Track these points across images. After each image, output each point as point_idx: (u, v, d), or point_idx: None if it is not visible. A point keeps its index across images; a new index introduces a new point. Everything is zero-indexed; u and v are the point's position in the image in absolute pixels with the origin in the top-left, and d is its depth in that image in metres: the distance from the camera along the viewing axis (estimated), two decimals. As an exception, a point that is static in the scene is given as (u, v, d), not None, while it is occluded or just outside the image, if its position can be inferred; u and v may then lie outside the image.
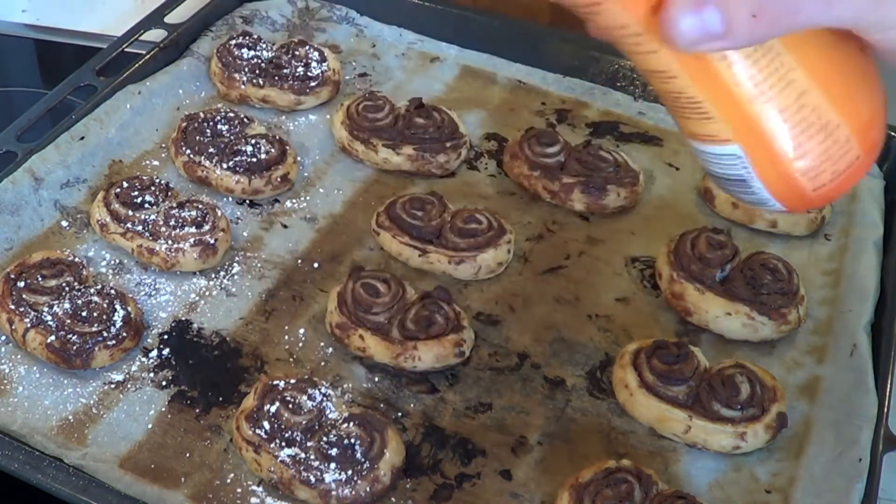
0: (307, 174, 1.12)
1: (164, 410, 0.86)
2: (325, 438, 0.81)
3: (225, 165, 1.06)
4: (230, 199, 1.07)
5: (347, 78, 1.25)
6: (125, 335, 0.89)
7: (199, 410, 0.86)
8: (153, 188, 1.01)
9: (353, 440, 0.81)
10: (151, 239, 0.97)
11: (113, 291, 0.91)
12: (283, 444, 0.81)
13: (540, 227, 1.08)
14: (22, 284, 0.91)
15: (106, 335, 0.88)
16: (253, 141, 1.08)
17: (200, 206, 1.00)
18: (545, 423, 0.89)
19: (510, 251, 1.03)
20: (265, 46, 1.21)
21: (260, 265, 1.00)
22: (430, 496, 0.82)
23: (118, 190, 1.00)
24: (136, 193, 1.00)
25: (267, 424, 0.81)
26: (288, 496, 0.80)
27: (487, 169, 1.15)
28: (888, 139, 1.15)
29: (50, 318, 0.88)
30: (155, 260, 0.97)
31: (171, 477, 0.81)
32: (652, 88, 0.60)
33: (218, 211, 1.01)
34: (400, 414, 0.88)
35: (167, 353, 0.91)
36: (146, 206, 1.00)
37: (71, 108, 1.10)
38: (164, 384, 0.88)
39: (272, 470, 0.80)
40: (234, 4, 1.30)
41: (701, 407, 0.87)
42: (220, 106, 1.15)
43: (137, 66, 1.16)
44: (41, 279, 0.91)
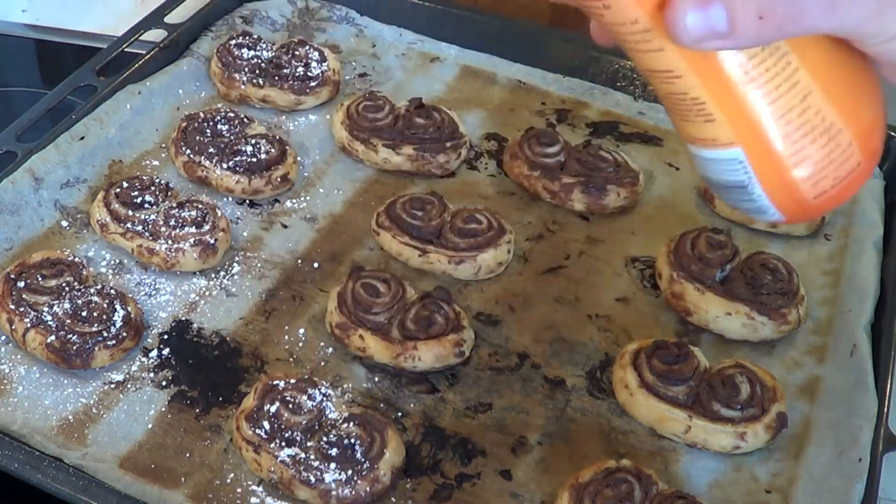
0: (307, 174, 1.11)
1: (164, 410, 0.86)
2: (325, 438, 0.81)
3: (225, 165, 1.06)
4: (230, 199, 1.07)
5: (347, 78, 1.25)
6: (125, 335, 0.89)
7: (199, 410, 0.86)
8: (153, 188, 1.01)
9: (353, 440, 0.81)
10: (151, 239, 0.97)
11: (113, 291, 0.91)
12: (283, 444, 0.81)
13: (540, 227, 1.08)
14: (22, 284, 0.91)
15: (106, 335, 0.88)
16: (253, 141, 1.08)
17: (200, 206, 1.00)
18: (545, 423, 0.89)
19: (510, 251, 1.03)
20: (265, 46, 1.21)
21: (260, 265, 1.00)
22: (430, 496, 0.82)
23: (118, 190, 1.00)
24: (136, 193, 1.00)
25: (267, 424, 0.81)
26: (288, 496, 0.80)
27: (487, 169, 1.15)
28: (888, 139, 1.15)
29: (50, 318, 0.88)
30: (155, 260, 0.97)
31: (171, 477, 0.81)
32: (653, 90, 0.60)
33: (218, 211, 1.01)
34: (400, 414, 0.88)
35: (167, 353, 0.91)
36: (146, 206, 1.00)
37: (71, 108, 1.10)
38: (164, 384, 0.88)
39: (272, 470, 0.80)
40: (234, 4, 1.30)
41: (701, 407, 0.87)
42: (220, 106, 1.15)
43: (137, 66, 1.16)
44: (41, 279, 0.91)
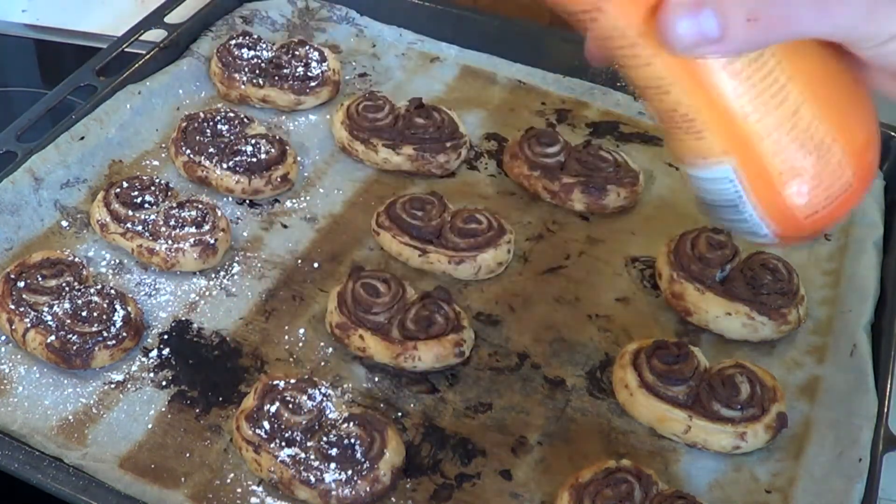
0: (307, 174, 1.11)
1: (164, 410, 0.86)
2: (325, 438, 0.81)
3: (225, 165, 1.06)
4: (230, 199, 1.07)
5: (347, 78, 1.25)
6: (125, 335, 0.89)
7: (199, 410, 0.86)
8: (153, 188, 1.01)
9: (353, 440, 0.81)
10: (151, 239, 0.97)
11: (113, 291, 0.91)
12: (283, 444, 0.81)
13: (540, 227, 1.08)
14: (22, 284, 0.91)
15: (106, 335, 0.88)
16: (253, 141, 1.07)
17: (200, 206, 1.00)
18: (545, 423, 0.89)
19: (510, 251, 1.03)
20: (265, 46, 1.21)
21: (260, 265, 1.00)
22: (430, 496, 0.82)
23: (118, 190, 1.00)
24: (136, 193, 1.00)
25: (267, 424, 0.81)
26: (288, 496, 0.80)
27: (487, 169, 1.15)
28: (888, 139, 1.16)
29: (50, 318, 0.88)
30: (155, 260, 0.97)
31: (171, 477, 0.81)
32: (649, 111, 0.60)
33: (218, 211, 1.01)
34: (400, 414, 0.88)
35: (167, 353, 0.91)
36: (146, 206, 1.00)
37: (71, 108, 1.10)
38: (164, 384, 0.88)
39: (272, 470, 0.80)
40: (234, 4, 1.30)
41: (701, 407, 0.87)
42: (220, 106, 1.15)
43: (137, 66, 1.16)
44: (41, 279, 0.91)
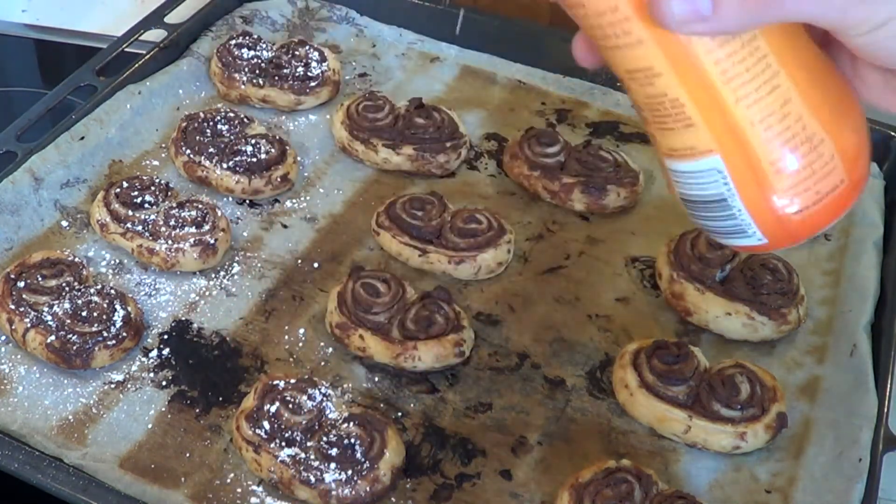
0: (307, 174, 1.11)
1: (164, 410, 0.86)
2: (325, 438, 0.81)
3: (225, 165, 1.06)
4: (230, 199, 1.07)
5: (347, 78, 1.25)
6: (125, 335, 0.89)
7: (199, 410, 0.86)
8: (153, 188, 1.01)
9: (353, 440, 0.81)
10: (151, 239, 0.97)
11: (113, 291, 0.91)
12: (283, 444, 0.81)
13: (540, 227, 1.08)
14: (22, 284, 0.90)
15: (106, 335, 0.88)
16: (253, 141, 1.07)
17: (200, 206, 1.00)
18: (545, 423, 0.89)
19: (510, 251, 1.03)
20: (265, 46, 1.21)
21: (260, 265, 1.00)
22: (430, 496, 0.82)
23: (118, 190, 1.00)
24: (136, 193, 1.00)
25: (267, 424, 0.81)
26: (288, 496, 0.80)
27: (487, 169, 1.15)
28: (888, 139, 1.16)
29: (50, 318, 0.88)
30: (155, 260, 0.97)
31: (171, 477, 0.81)
32: (634, 102, 0.59)
33: (218, 211, 1.01)
34: (400, 414, 0.88)
35: (167, 353, 0.91)
36: (146, 206, 1.00)
37: (71, 108, 1.10)
38: (164, 384, 0.88)
39: (272, 470, 0.80)
40: (234, 4, 1.30)
41: (701, 407, 0.87)
42: (220, 106, 1.15)
43: (137, 66, 1.16)
44: (41, 279, 0.91)
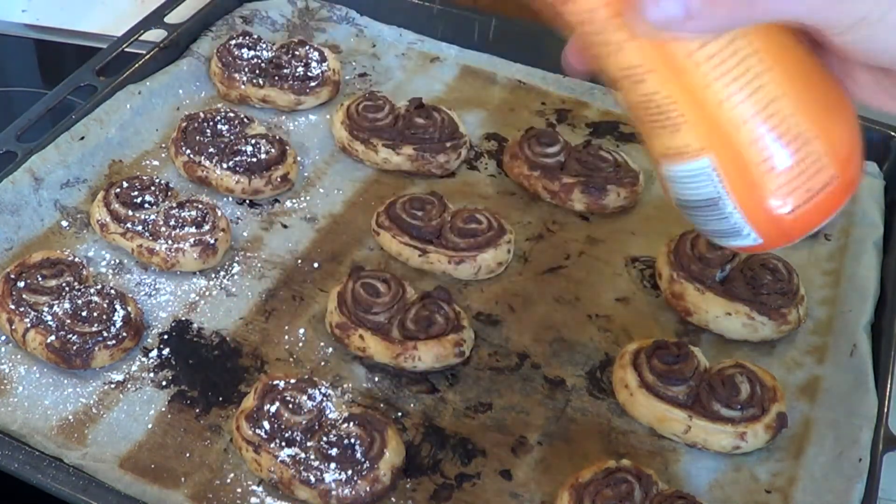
0: (307, 174, 1.11)
1: (164, 410, 0.86)
2: (325, 438, 0.81)
3: (225, 165, 1.06)
4: (230, 199, 1.07)
5: (347, 78, 1.25)
6: (125, 335, 0.89)
7: (199, 410, 0.86)
8: (153, 188, 1.01)
9: (353, 440, 0.81)
10: (151, 239, 0.97)
11: (113, 291, 0.91)
12: (283, 444, 0.81)
13: (540, 227, 1.08)
14: (22, 284, 0.90)
15: (106, 335, 0.88)
16: (253, 141, 1.07)
17: (200, 206, 1.00)
18: (545, 423, 0.89)
19: (510, 251, 1.03)
20: (265, 46, 1.21)
21: (260, 265, 1.00)
22: (430, 496, 0.82)
23: (118, 190, 1.00)
24: (136, 193, 1.00)
25: (267, 424, 0.81)
26: (288, 496, 0.80)
27: (487, 169, 1.15)
28: (888, 139, 1.16)
29: (50, 318, 0.88)
30: (155, 260, 0.97)
31: (171, 477, 0.81)
32: (626, 107, 0.60)
33: (218, 211, 1.01)
34: (400, 414, 0.88)
35: (167, 353, 0.91)
36: (146, 206, 1.00)
37: (71, 108, 1.10)
38: (164, 384, 0.88)
39: (272, 470, 0.80)
40: (234, 4, 1.30)
41: (701, 407, 0.87)
42: (220, 106, 1.15)
43: (137, 66, 1.16)
44: (41, 279, 0.91)
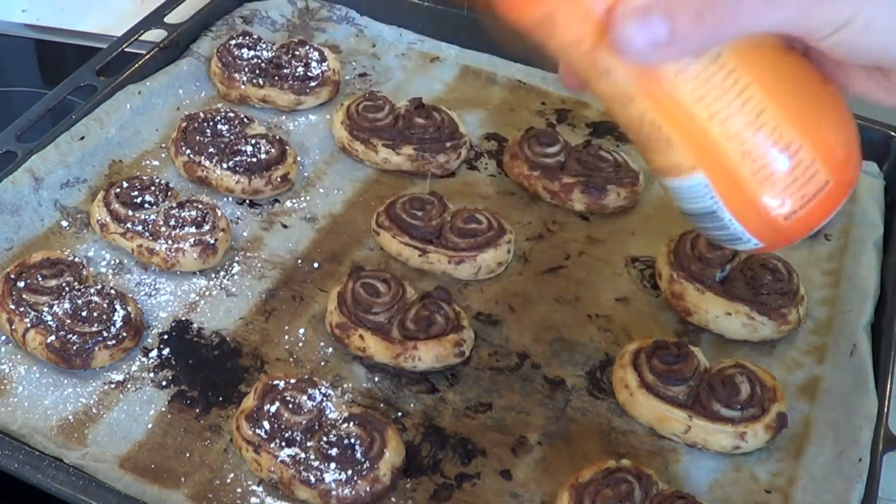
0: (307, 174, 1.11)
1: (164, 410, 0.86)
2: (325, 438, 0.81)
3: (225, 165, 1.06)
4: (230, 199, 1.07)
5: (347, 78, 1.25)
6: (125, 335, 0.89)
7: (199, 410, 0.86)
8: (153, 188, 1.01)
9: (353, 440, 0.81)
10: (151, 239, 0.97)
11: (113, 291, 0.91)
12: (283, 444, 0.81)
13: (540, 227, 1.08)
14: (22, 284, 0.90)
15: (106, 335, 0.88)
16: (253, 141, 1.08)
17: (200, 206, 1.00)
18: (545, 423, 0.89)
19: (510, 251, 1.03)
20: (265, 46, 1.21)
21: (260, 265, 1.00)
22: (430, 496, 0.82)
23: (118, 190, 1.00)
24: (136, 193, 1.00)
25: (267, 424, 0.81)
26: (288, 496, 0.80)
27: (487, 169, 1.15)
28: (888, 139, 1.16)
29: (50, 318, 0.88)
30: (155, 260, 0.97)
31: (171, 477, 0.81)
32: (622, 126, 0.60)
33: (218, 211, 1.01)
34: (400, 414, 0.88)
35: (167, 353, 0.91)
36: (146, 206, 1.00)
37: (71, 108, 1.10)
38: (164, 384, 0.88)
39: (272, 470, 0.80)
40: (234, 4, 1.30)
41: (701, 407, 0.87)
42: (220, 106, 1.15)
43: (137, 66, 1.16)
44: (41, 279, 0.91)
